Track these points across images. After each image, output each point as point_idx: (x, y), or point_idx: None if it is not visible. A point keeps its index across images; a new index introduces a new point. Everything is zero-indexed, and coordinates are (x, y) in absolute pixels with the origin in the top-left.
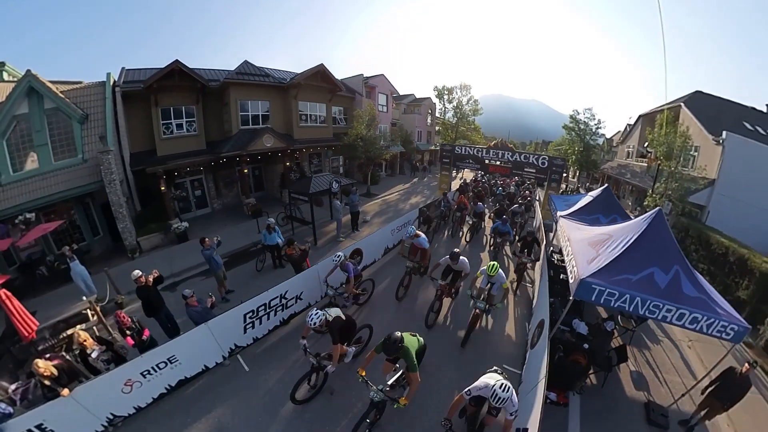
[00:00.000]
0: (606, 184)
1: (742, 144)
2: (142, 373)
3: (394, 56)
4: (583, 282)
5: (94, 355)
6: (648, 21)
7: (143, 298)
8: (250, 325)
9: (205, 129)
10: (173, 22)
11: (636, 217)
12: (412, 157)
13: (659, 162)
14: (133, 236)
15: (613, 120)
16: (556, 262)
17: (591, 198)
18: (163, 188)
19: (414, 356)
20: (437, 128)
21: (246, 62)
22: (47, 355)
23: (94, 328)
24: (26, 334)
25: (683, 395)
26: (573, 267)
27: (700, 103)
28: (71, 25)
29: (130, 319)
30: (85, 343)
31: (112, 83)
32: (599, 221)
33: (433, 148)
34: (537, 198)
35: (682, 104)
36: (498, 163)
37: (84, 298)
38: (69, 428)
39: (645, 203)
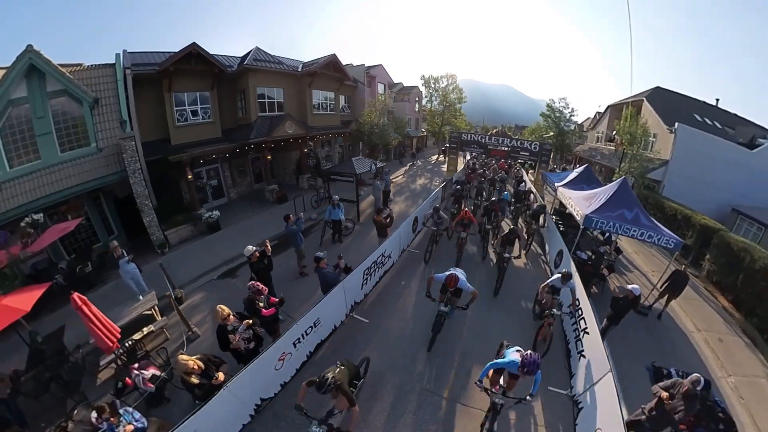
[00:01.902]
0: (587, 164)
1: (689, 133)
2: (293, 343)
3: (366, 42)
4: (587, 216)
5: (240, 329)
6: (613, 11)
7: (256, 271)
8: (365, 281)
9: (220, 116)
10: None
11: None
12: (405, 143)
13: (624, 146)
14: (160, 230)
15: (582, 103)
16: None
17: (576, 174)
18: (190, 176)
19: (348, 389)
20: (424, 116)
21: (258, 49)
22: (136, 364)
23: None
24: (110, 345)
25: (650, 292)
26: (577, 211)
27: (660, 97)
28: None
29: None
30: (227, 320)
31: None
32: (584, 188)
33: (421, 134)
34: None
35: (644, 98)
36: (499, 147)
37: (141, 297)
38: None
39: (613, 179)
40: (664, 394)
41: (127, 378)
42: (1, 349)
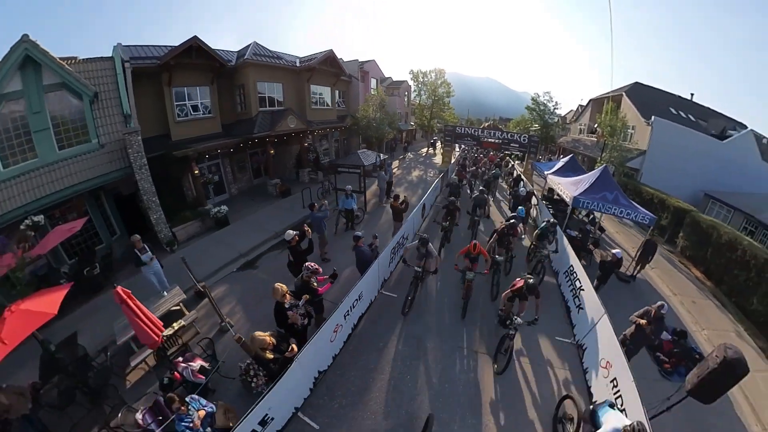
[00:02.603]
0: (571, 154)
1: (665, 125)
2: (344, 315)
3: (349, 36)
4: (575, 198)
5: (301, 303)
6: (596, 6)
7: (295, 254)
8: (391, 260)
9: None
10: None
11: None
12: (396, 137)
13: (605, 138)
14: (168, 227)
15: (564, 96)
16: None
17: (563, 163)
18: (196, 171)
19: None
20: (413, 109)
21: (256, 44)
22: (181, 358)
23: None
24: (155, 339)
25: (631, 263)
26: (566, 194)
27: (638, 92)
28: None
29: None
30: (285, 297)
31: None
32: (570, 175)
33: (410, 128)
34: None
35: (623, 93)
36: (491, 140)
37: (165, 293)
38: (284, 407)
39: (595, 167)
40: (643, 321)
41: (175, 372)
42: (11, 360)
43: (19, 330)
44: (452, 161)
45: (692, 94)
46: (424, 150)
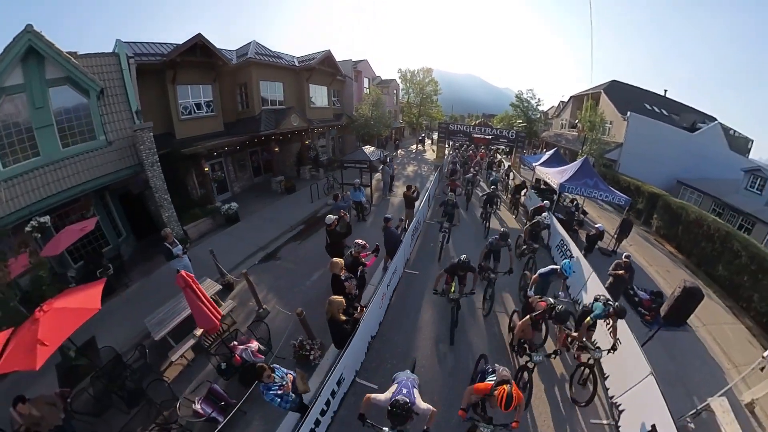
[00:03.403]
0: (555, 147)
1: (640, 120)
2: (387, 284)
3: (335, 34)
4: (561, 184)
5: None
6: (575, 2)
7: (333, 237)
8: (412, 243)
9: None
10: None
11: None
12: (387, 134)
13: (585, 132)
14: (180, 225)
15: (545, 90)
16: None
17: (548, 156)
18: (207, 169)
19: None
20: (401, 107)
21: (257, 43)
22: (235, 342)
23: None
24: (216, 324)
25: (611, 240)
26: (553, 181)
27: (615, 89)
28: None
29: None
30: (342, 270)
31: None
32: (555, 166)
33: (399, 126)
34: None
35: (602, 91)
36: (482, 136)
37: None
38: (349, 370)
39: (577, 159)
40: (621, 271)
41: (236, 356)
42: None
43: (58, 329)
44: (445, 156)
45: (665, 90)
46: (413, 147)
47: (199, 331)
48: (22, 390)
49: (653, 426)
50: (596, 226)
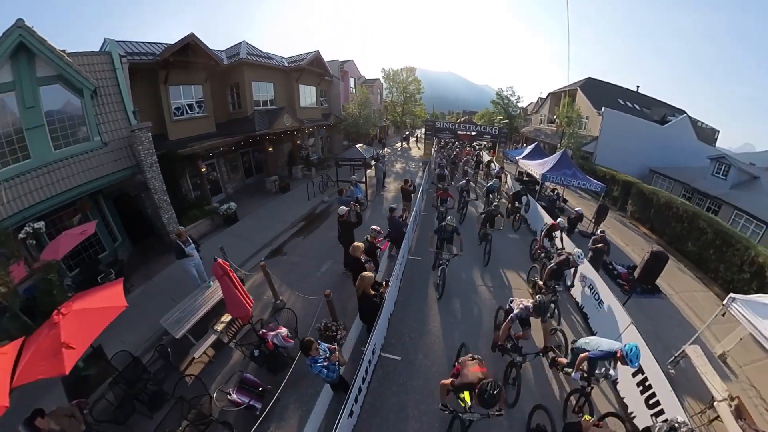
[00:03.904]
0: (536, 142)
1: (613, 115)
2: (400, 266)
3: (312, 33)
4: (543, 174)
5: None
6: (552, 1)
7: (345, 227)
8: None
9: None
10: None
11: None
12: (373, 133)
13: (563, 127)
14: (179, 227)
15: (523, 86)
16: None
17: (530, 149)
18: (204, 169)
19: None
20: (385, 106)
21: (247, 43)
22: (264, 330)
23: None
24: (248, 311)
25: (589, 224)
26: (536, 172)
27: (591, 86)
28: None
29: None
30: (363, 254)
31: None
32: (536, 158)
33: (384, 124)
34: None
35: (578, 88)
36: (467, 132)
37: (211, 284)
38: (375, 342)
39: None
40: (600, 245)
41: (268, 342)
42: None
43: (85, 330)
44: (432, 153)
45: (638, 86)
46: (399, 145)
47: (219, 326)
48: (26, 408)
49: (639, 366)
50: (576, 209)
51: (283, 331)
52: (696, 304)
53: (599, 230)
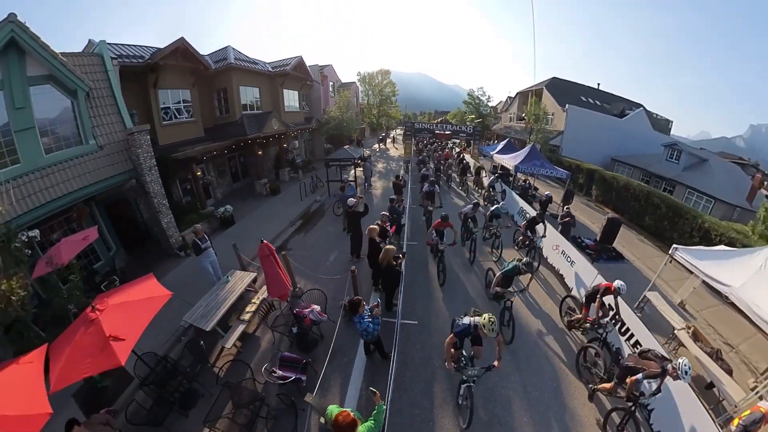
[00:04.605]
0: (507, 138)
1: (576, 111)
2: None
3: (284, 34)
4: (516, 166)
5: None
6: (516, 3)
7: (352, 217)
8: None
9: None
10: None
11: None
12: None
13: (531, 124)
14: (178, 231)
15: (491, 86)
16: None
17: (502, 145)
18: (199, 173)
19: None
20: (362, 108)
21: (233, 48)
22: (297, 309)
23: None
24: (288, 291)
25: (558, 208)
26: (510, 165)
27: (555, 85)
28: None
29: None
30: (376, 236)
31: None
32: (509, 153)
33: (361, 126)
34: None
35: (544, 87)
36: (444, 132)
37: (229, 278)
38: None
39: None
40: (568, 218)
41: (306, 318)
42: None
43: (132, 321)
44: (412, 153)
45: (599, 84)
46: (376, 146)
47: (246, 316)
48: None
49: (610, 305)
50: (546, 193)
51: (317, 307)
52: (655, 266)
53: (565, 207)
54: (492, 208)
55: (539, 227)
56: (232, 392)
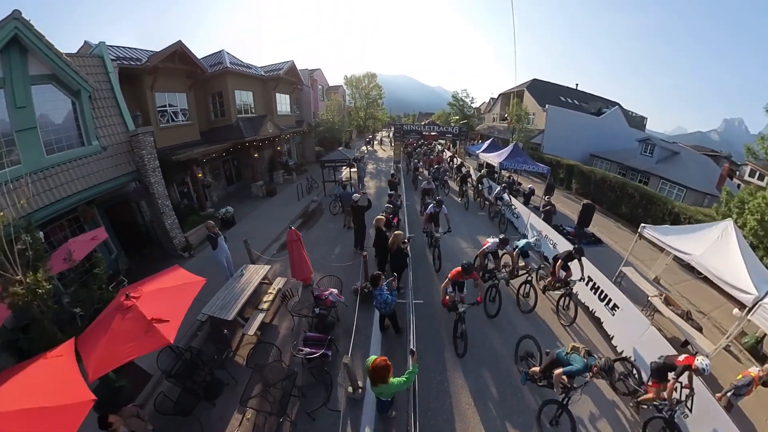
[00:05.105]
0: (491, 138)
1: (556, 110)
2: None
3: (265, 36)
4: (501, 163)
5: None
6: (497, 5)
7: (356, 210)
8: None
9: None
10: None
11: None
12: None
13: (513, 124)
14: (181, 232)
15: (473, 87)
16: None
17: (487, 144)
18: (200, 175)
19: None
20: (349, 111)
21: (227, 52)
22: (317, 293)
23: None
24: (311, 273)
25: (541, 200)
26: (495, 162)
27: (536, 86)
28: None
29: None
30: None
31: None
32: (493, 151)
33: (349, 129)
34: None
35: (525, 88)
36: (431, 132)
37: (243, 272)
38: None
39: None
40: (549, 206)
41: (326, 299)
42: None
43: (173, 304)
44: (401, 155)
45: (577, 84)
46: (363, 148)
47: (265, 305)
48: None
49: (589, 277)
50: (528, 186)
51: (335, 290)
52: (630, 248)
53: (546, 197)
54: (520, 244)
55: (573, 265)
56: (263, 373)
